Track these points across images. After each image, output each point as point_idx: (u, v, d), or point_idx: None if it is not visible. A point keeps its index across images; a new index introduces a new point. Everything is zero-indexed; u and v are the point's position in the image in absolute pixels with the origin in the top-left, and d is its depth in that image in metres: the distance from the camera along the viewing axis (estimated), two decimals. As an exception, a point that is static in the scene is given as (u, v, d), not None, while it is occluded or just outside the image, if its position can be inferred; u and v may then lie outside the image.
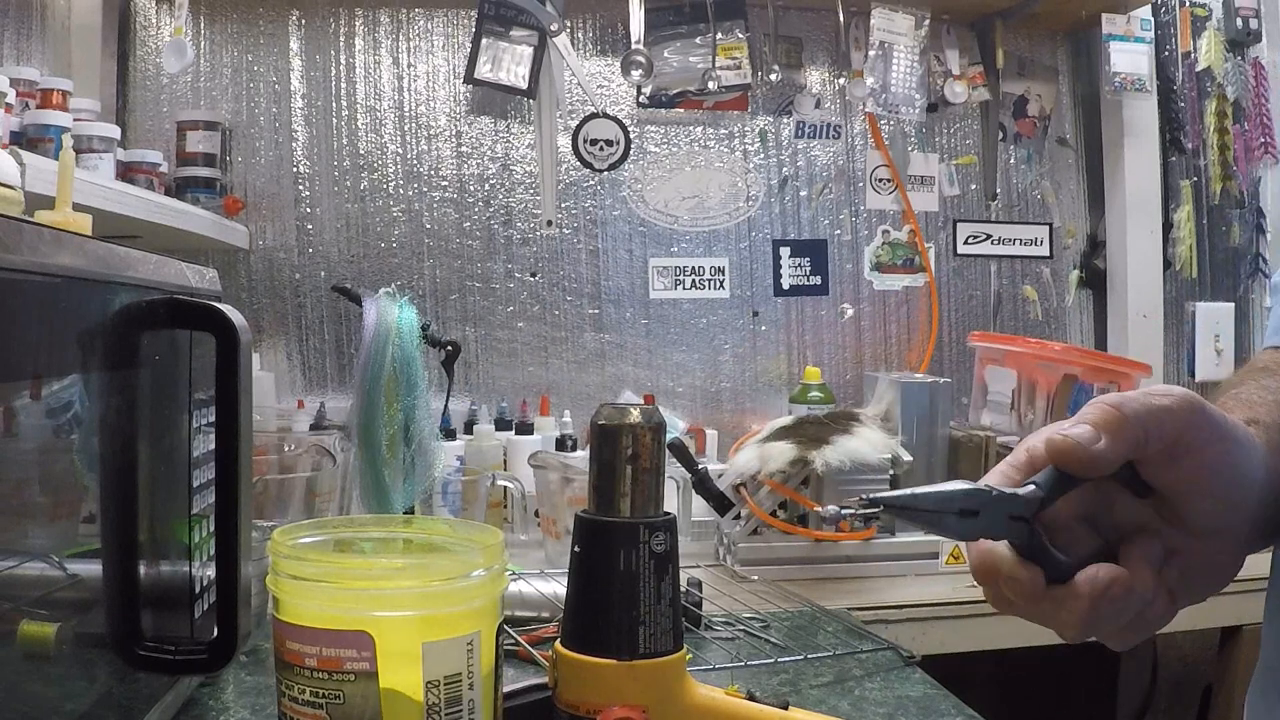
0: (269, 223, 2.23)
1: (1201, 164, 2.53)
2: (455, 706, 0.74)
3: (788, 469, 1.72)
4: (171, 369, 0.84)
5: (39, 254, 0.64)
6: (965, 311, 2.48)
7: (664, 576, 0.79)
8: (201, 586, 0.88)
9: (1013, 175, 2.49)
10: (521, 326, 2.31)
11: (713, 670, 1.18)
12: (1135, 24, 2.33)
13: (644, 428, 0.79)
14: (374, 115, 2.27)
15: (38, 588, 0.68)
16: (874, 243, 2.43)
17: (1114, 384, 1.91)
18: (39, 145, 1.45)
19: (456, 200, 2.29)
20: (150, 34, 2.20)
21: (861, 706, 1.12)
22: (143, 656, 0.78)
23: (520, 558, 1.71)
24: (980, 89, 2.42)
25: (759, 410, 2.36)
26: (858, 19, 2.33)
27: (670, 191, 2.36)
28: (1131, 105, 2.39)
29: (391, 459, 1.50)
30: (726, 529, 1.82)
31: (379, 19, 2.27)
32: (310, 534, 0.83)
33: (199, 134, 2.13)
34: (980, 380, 2.07)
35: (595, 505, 0.80)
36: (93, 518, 0.75)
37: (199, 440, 0.87)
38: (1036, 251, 2.50)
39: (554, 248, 2.31)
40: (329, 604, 0.74)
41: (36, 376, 0.66)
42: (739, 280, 2.38)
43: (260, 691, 1.10)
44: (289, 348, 2.24)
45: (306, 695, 0.73)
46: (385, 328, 1.50)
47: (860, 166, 2.42)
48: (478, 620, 0.76)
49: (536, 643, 1.20)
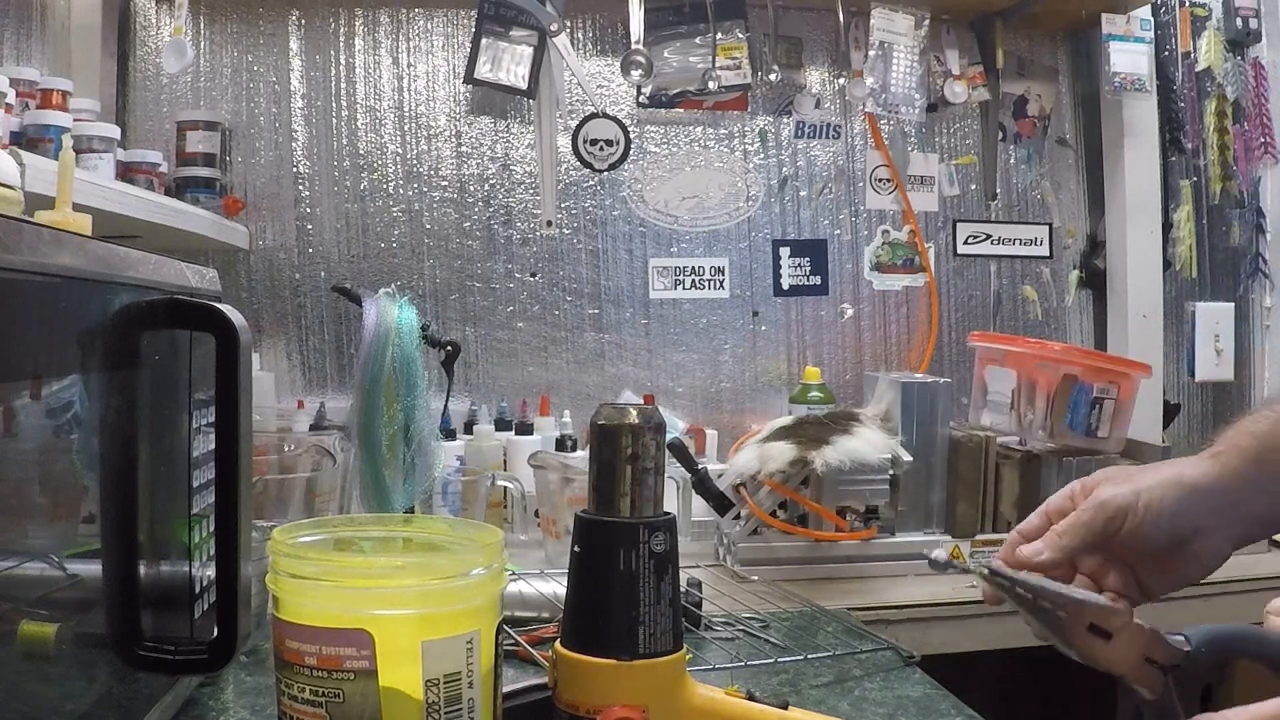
0: (269, 223, 2.23)
1: (1201, 164, 2.53)
2: (455, 705, 0.74)
3: (788, 469, 1.72)
4: (171, 369, 0.84)
5: (39, 254, 0.64)
6: (965, 311, 2.48)
7: (664, 576, 0.79)
8: (201, 586, 0.88)
9: (1013, 175, 2.50)
10: (521, 326, 2.31)
11: (713, 670, 1.18)
12: (1135, 24, 2.33)
13: (644, 428, 0.80)
14: (374, 115, 2.27)
15: (38, 588, 0.68)
16: (874, 243, 2.43)
17: (1114, 384, 1.91)
18: (39, 145, 1.45)
19: (456, 200, 2.29)
20: (150, 34, 2.20)
21: (861, 706, 1.12)
22: (143, 656, 0.78)
23: (520, 558, 1.71)
24: (980, 89, 2.42)
25: (759, 410, 2.36)
26: (858, 19, 2.33)
27: (670, 191, 2.36)
28: (1131, 105, 2.39)
29: (391, 459, 1.50)
30: (726, 529, 1.82)
31: (379, 19, 2.27)
32: (310, 533, 0.83)
33: (199, 134, 2.13)
34: (980, 380, 2.07)
35: (595, 505, 0.80)
36: (93, 518, 0.75)
37: (199, 440, 0.87)
38: (1036, 251, 2.50)
39: (554, 248, 2.31)
40: (329, 602, 0.74)
41: (36, 376, 0.66)
42: (739, 280, 2.38)
43: (260, 691, 1.10)
44: (289, 348, 2.24)
45: (306, 694, 0.73)
46: (385, 328, 1.50)
47: (860, 166, 2.42)
48: (477, 619, 0.76)
49: (536, 643, 1.20)
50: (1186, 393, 2.55)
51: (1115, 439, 1.92)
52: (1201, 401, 2.57)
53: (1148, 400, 2.21)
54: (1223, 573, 1.88)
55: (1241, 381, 2.58)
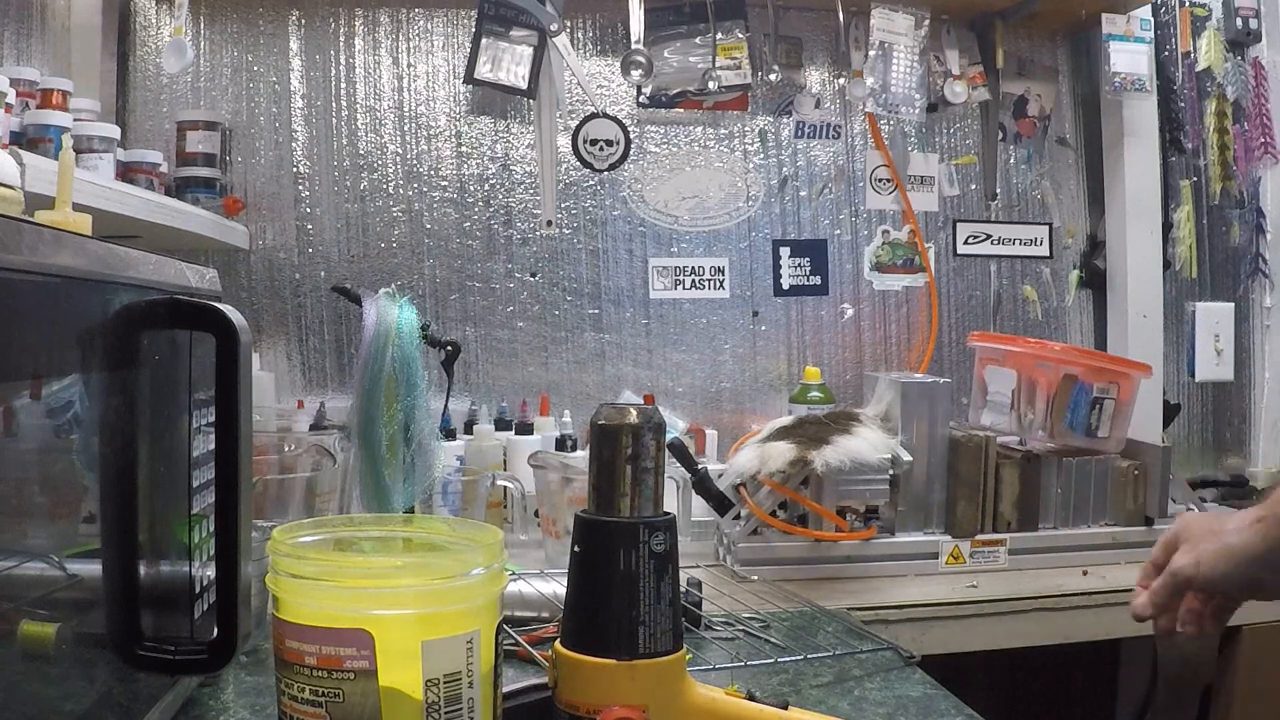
0: (269, 223, 2.23)
1: (1201, 164, 2.53)
2: (455, 705, 0.74)
3: (788, 469, 1.72)
4: (171, 369, 0.84)
5: (39, 254, 0.64)
6: (965, 311, 2.48)
7: (664, 576, 0.79)
8: (201, 586, 0.88)
9: (1013, 175, 2.49)
10: (521, 326, 2.31)
11: (713, 670, 1.18)
12: (1135, 24, 2.33)
13: (644, 428, 0.80)
14: (374, 115, 2.27)
15: (38, 588, 0.68)
16: (874, 243, 2.43)
17: (1114, 384, 1.91)
18: (39, 145, 1.45)
19: (456, 200, 2.29)
20: (150, 34, 2.20)
21: (861, 706, 1.12)
22: (143, 656, 0.78)
23: (520, 558, 1.71)
24: (980, 89, 2.42)
25: (759, 410, 2.36)
26: (858, 19, 2.33)
27: (670, 191, 2.36)
28: (1131, 105, 2.39)
29: (391, 459, 1.50)
30: (726, 529, 1.82)
31: (379, 19, 2.27)
32: (310, 533, 0.83)
33: (199, 134, 2.13)
34: (980, 380, 2.07)
35: (595, 505, 0.80)
36: (93, 518, 0.75)
37: (199, 440, 0.87)
38: (1036, 251, 2.50)
39: (554, 248, 2.31)
40: (329, 602, 0.74)
41: (36, 376, 0.66)
42: (739, 280, 2.38)
43: (260, 691, 1.10)
44: (289, 348, 2.24)
45: (306, 694, 0.73)
46: (385, 328, 1.50)
47: (860, 166, 2.42)
48: (477, 619, 0.76)
49: (536, 643, 1.20)
50: (1186, 393, 2.55)
51: (1115, 439, 1.92)
52: (1201, 401, 2.57)
53: (1148, 400, 2.21)
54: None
55: (1241, 381, 2.58)
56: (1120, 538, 1.89)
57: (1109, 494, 1.91)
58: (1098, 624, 1.72)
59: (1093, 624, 1.72)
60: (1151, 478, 1.91)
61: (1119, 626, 1.74)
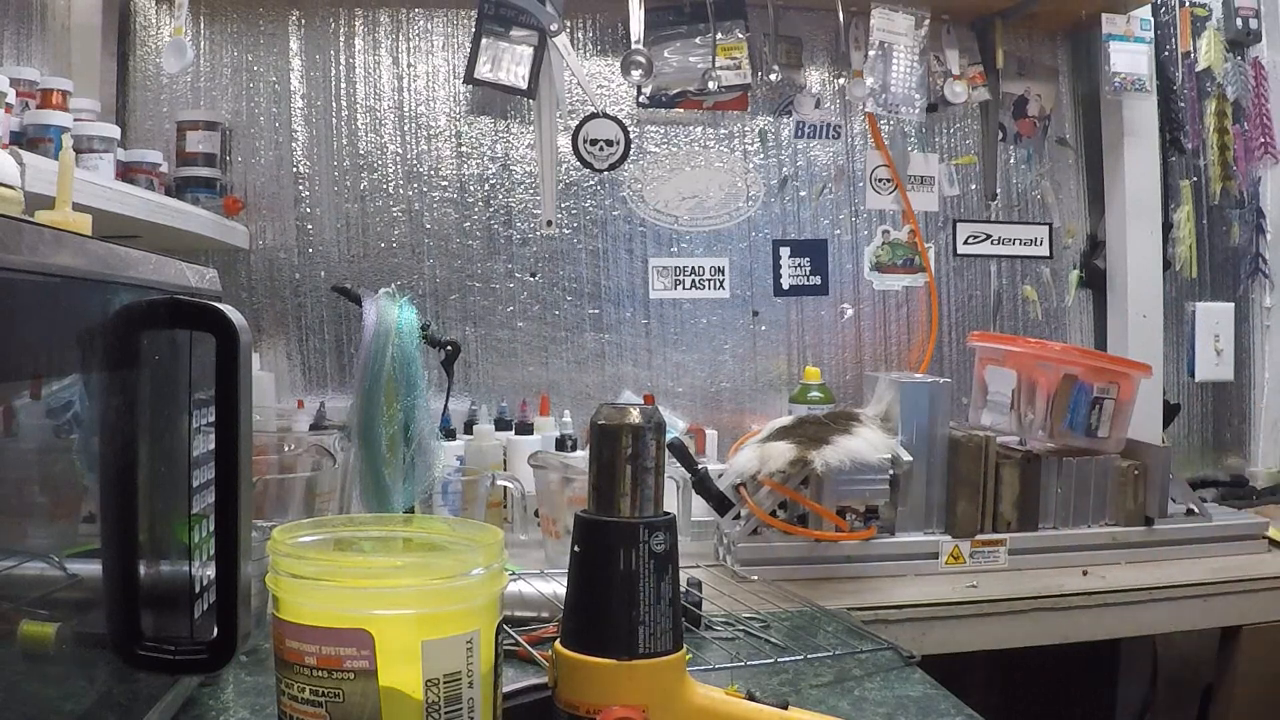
0: (269, 223, 2.23)
1: (1201, 164, 2.53)
2: (455, 705, 0.74)
3: (788, 469, 1.72)
4: (171, 369, 0.84)
5: (39, 254, 0.64)
6: (965, 311, 2.48)
7: (664, 576, 0.79)
8: (201, 586, 0.88)
9: (1013, 175, 2.50)
10: (521, 326, 2.31)
11: (713, 670, 1.18)
12: (1135, 24, 2.33)
13: (644, 428, 0.80)
14: (374, 115, 2.27)
15: (38, 588, 0.68)
16: (874, 243, 2.43)
17: (1114, 384, 1.91)
18: (39, 145, 1.45)
19: (456, 200, 2.29)
20: (150, 34, 2.20)
21: (861, 706, 1.12)
22: (142, 656, 0.78)
23: (520, 558, 1.71)
24: (980, 89, 2.42)
25: (759, 410, 2.36)
26: (857, 19, 2.33)
27: (670, 191, 2.36)
28: (1131, 105, 2.39)
29: (391, 459, 1.50)
30: (726, 529, 1.82)
31: (379, 19, 2.27)
32: (310, 533, 0.83)
33: (199, 134, 2.13)
34: (980, 380, 2.07)
35: (595, 505, 0.80)
36: (93, 518, 0.75)
37: (199, 440, 0.87)
38: (1036, 251, 2.50)
39: (554, 248, 2.31)
40: (329, 602, 0.74)
41: (36, 376, 0.66)
42: (739, 280, 2.38)
43: (260, 691, 1.10)
44: (289, 348, 2.24)
45: (306, 694, 0.73)
46: (385, 328, 1.50)
47: (860, 166, 2.42)
48: (477, 619, 0.76)
49: (536, 643, 1.20)
50: (1186, 393, 2.55)
51: (1115, 439, 1.92)
52: (1201, 401, 2.57)
53: (1148, 400, 2.21)
54: (1222, 573, 1.88)
55: (1241, 381, 2.58)
56: (1120, 538, 1.89)
57: (1109, 494, 1.91)
58: (1097, 624, 1.72)
59: (1092, 624, 1.72)
60: (1151, 478, 1.91)
61: (1119, 626, 1.74)
